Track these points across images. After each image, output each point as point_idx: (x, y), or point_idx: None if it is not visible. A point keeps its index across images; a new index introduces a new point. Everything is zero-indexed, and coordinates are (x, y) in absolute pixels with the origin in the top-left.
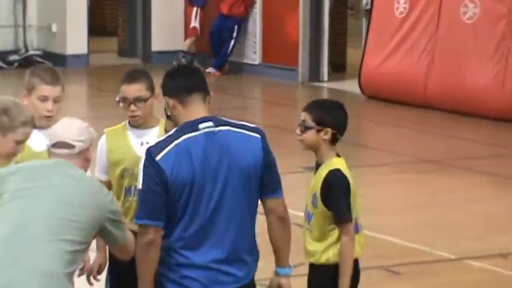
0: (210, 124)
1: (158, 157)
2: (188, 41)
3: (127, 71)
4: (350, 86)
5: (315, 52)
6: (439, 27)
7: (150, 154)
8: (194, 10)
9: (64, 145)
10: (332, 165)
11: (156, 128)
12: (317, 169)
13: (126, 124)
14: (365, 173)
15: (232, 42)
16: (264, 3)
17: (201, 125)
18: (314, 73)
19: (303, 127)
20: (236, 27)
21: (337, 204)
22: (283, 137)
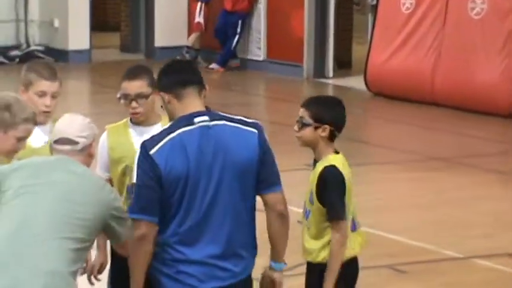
0: (206, 118)
1: (152, 151)
2: (192, 37)
3: (128, 67)
4: (356, 83)
5: (320, 48)
6: (446, 23)
7: (145, 148)
8: (198, 5)
9: (67, 141)
10: (328, 161)
11: (158, 125)
12: (315, 166)
13: (127, 121)
14: (371, 171)
15: (236, 38)
16: None
17: (196, 119)
18: (319, 69)
19: (301, 124)
20: (240, 22)
21: (330, 200)
22: (287, 134)
